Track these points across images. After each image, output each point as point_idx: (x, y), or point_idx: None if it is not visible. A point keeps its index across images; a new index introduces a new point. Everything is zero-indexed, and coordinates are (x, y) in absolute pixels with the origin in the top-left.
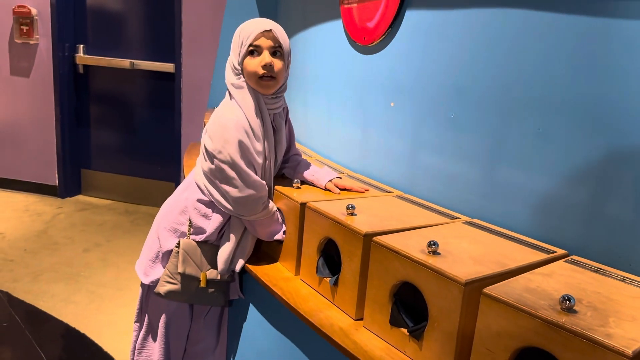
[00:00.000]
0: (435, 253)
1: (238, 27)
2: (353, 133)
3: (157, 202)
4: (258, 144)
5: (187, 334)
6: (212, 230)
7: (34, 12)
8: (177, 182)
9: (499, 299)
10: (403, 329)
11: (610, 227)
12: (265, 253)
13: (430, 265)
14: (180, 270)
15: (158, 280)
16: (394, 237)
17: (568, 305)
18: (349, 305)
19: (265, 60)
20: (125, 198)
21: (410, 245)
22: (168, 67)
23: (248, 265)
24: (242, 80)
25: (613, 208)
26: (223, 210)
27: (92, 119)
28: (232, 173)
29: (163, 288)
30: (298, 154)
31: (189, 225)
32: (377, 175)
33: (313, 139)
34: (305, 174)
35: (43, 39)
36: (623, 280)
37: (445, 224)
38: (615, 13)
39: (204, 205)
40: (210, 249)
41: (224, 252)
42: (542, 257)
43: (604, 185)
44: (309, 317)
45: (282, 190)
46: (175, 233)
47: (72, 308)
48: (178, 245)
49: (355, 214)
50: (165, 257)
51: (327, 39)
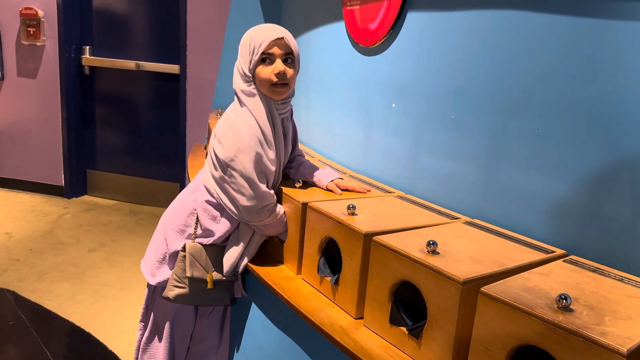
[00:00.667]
0: (434, 252)
1: (246, 32)
2: (355, 134)
3: (161, 202)
4: (270, 152)
5: (191, 333)
6: (220, 235)
7: (41, 14)
8: (181, 182)
9: (497, 298)
10: (402, 328)
11: (609, 227)
12: (268, 253)
13: (429, 265)
14: (189, 275)
15: (164, 281)
16: (394, 236)
17: (564, 304)
18: (350, 304)
19: (279, 69)
20: (130, 198)
21: (410, 245)
22: (173, 68)
23: (251, 265)
24: (253, 88)
25: (612, 208)
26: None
27: (97, 120)
28: (242, 182)
29: (172, 292)
30: (301, 155)
31: (195, 227)
32: (378, 176)
33: (315, 140)
34: (307, 174)
35: (49, 41)
36: (621, 280)
37: (445, 224)
38: (616, 14)
39: (213, 208)
40: (215, 251)
41: (231, 256)
42: (540, 256)
43: (603, 186)
44: (310, 315)
45: (284, 190)
46: (183, 235)
47: (77, 307)
48: (184, 249)
49: (356, 214)
50: (172, 258)
51: (329, 40)
